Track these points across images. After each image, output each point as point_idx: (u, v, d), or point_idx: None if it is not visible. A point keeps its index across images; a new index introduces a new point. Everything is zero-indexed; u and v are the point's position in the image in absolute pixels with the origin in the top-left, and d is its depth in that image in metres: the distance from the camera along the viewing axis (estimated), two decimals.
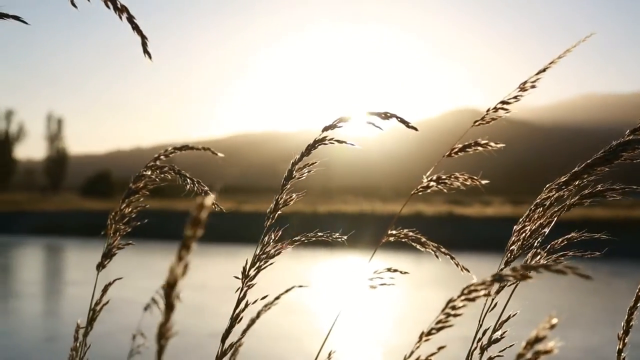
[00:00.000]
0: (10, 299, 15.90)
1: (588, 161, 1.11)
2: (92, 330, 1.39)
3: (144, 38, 0.98)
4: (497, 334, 1.16)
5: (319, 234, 1.31)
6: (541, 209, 1.17)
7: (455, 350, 1.16)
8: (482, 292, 0.89)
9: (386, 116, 1.11)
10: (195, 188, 1.35)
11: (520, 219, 1.19)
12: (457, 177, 1.22)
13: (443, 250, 1.31)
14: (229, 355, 1.69)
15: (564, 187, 1.15)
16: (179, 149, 1.36)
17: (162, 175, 1.34)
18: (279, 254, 1.27)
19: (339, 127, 1.17)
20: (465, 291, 0.91)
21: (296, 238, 1.28)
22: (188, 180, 1.35)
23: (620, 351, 1.16)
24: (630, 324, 1.20)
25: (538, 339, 0.80)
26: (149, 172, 1.33)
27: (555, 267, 0.87)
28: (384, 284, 1.28)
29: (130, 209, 1.32)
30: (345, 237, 1.30)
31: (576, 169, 1.13)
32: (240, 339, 1.74)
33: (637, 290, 1.25)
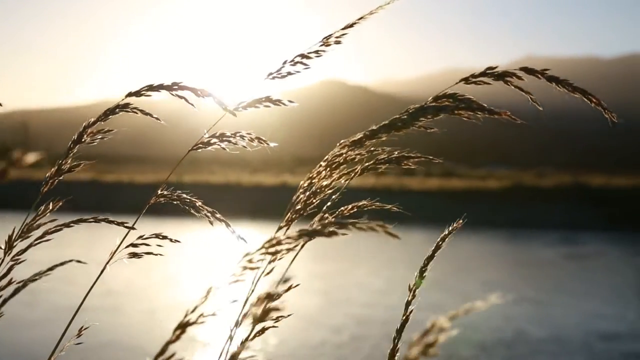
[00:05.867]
0: None
1: (385, 122, 1.01)
2: None
3: None
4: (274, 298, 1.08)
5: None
6: (328, 169, 1.11)
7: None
8: (286, 247, 0.80)
9: (202, 94, 1.06)
10: None
11: (308, 175, 1.13)
12: (242, 136, 1.15)
13: (218, 216, 1.23)
14: None
15: (358, 145, 1.04)
16: None
17: None
18: (57, 230, 1.12)
19: (147, 95, 1.10)
20: (267, 245, 0.80)
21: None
22: None
23: (409, 303, 1.11)
24: (424, 274, 1.14)
25: (270, 296, 0.76)
26: None
27: (366, 224, 0.77)
28: (151, 253, 1.19)
29: None
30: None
31: (373, 127, 1.01)
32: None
33: (438, 240, 1.19)
